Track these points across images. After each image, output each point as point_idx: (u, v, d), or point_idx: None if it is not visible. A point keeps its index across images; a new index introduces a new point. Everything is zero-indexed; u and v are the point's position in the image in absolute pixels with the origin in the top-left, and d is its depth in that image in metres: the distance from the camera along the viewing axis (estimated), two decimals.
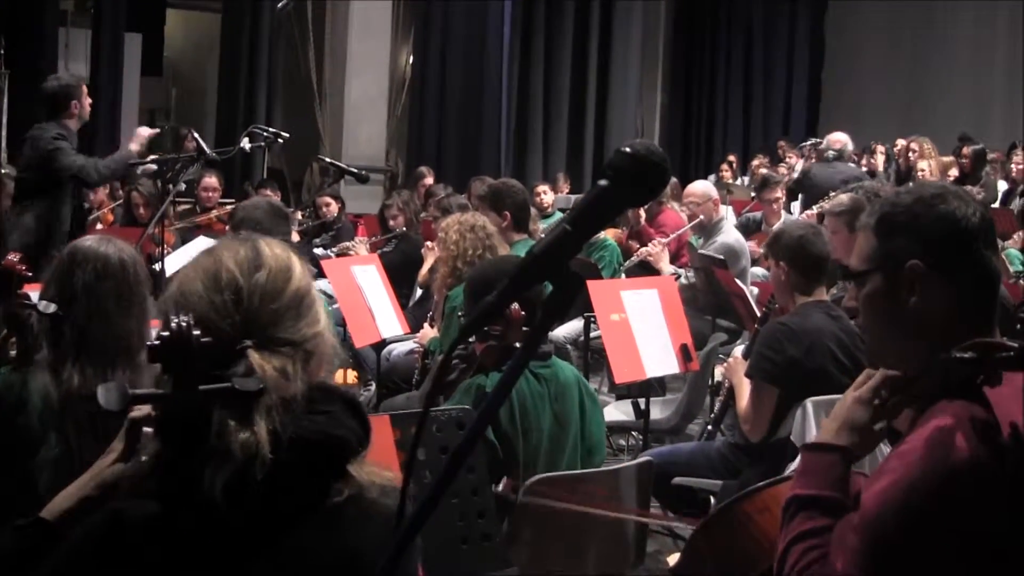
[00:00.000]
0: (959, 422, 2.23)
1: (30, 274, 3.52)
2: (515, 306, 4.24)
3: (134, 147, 8.51)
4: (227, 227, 9.69)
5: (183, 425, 2.09)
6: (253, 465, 2.06)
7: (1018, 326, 2.20)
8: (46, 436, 3.21)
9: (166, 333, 2.08)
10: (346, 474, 2.19)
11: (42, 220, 8.08)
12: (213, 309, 2.20)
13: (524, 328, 4.34)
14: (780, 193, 10.81)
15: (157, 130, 9.26)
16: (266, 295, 2.22)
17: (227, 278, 2.22)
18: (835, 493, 2.38)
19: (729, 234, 9.31)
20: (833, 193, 9.84)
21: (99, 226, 11.13)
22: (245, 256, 2.26)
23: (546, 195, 12.79)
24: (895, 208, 2.47)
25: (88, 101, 8.47)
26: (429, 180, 13.92)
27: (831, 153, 12.53)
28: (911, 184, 4.69)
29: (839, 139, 12.72)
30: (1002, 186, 13.48)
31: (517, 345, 4.33)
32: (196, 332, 2.09)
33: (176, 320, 2.08)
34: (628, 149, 1.67)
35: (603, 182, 1.66)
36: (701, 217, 9.33)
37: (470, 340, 4.44)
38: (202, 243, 8.85)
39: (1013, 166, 12.99)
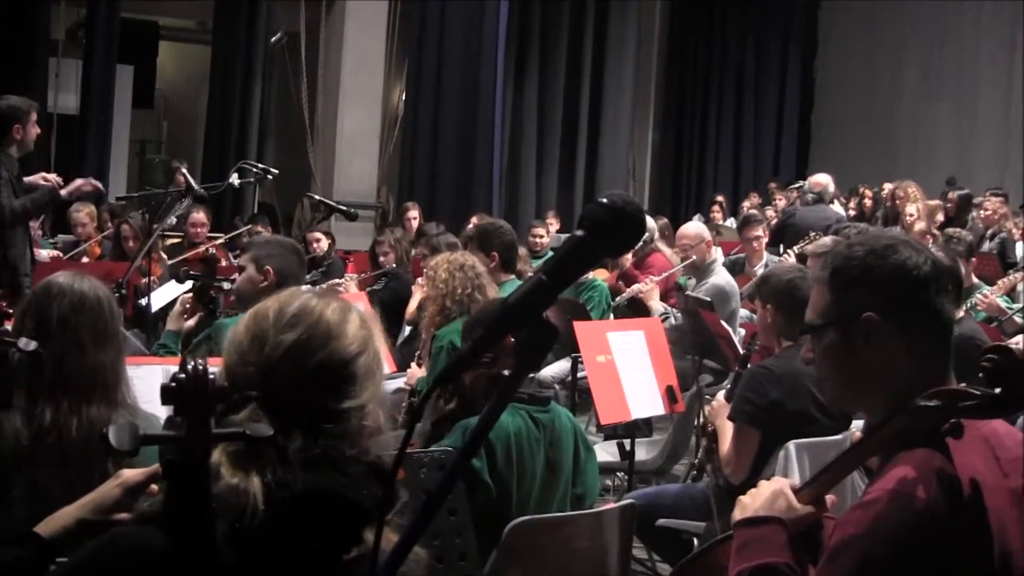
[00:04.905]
0: (921, 473, 2.25)
1: (11, 311, 3.50)
2: None
3: (64, 193, 8.24)
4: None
5: (191, 467, 2.06)
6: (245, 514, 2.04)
7: (979, 374, 2.22)
8: (11, 479, 3.18)
9: (182, 375, 2.05)
10: (361, 539, 2.15)
11: None
12: (237, 351, 2.21)
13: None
14: (761, 232, 10.85)
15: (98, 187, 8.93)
16: (289, 356, 2.19)
17: (261, 327, 2.21)
18: (785, 559, 2.37)
19: (721, 276, 9.33)
20: (813, 233, 9.90)
21: (85, 259, 11.09)
22: (292, 311, 2.23)
23: (542, 238, 12.77)
24: (848, 261, 2.50)
25: (35, 130, 8.05)
26: (414, 213, 13.91)
27: (811, 196, 12.57)
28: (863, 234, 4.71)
29: (819, 181, 12.73)
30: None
31: (506, 373, 4.31)
32: (211, 376, 2.07)
33: (193, 362, 2.06)
34: (605, 200, 1.69)
35: (579, 232, 1.68)
36: (694, 258, 9.35)
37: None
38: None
39: (982, 212, 12.81)
